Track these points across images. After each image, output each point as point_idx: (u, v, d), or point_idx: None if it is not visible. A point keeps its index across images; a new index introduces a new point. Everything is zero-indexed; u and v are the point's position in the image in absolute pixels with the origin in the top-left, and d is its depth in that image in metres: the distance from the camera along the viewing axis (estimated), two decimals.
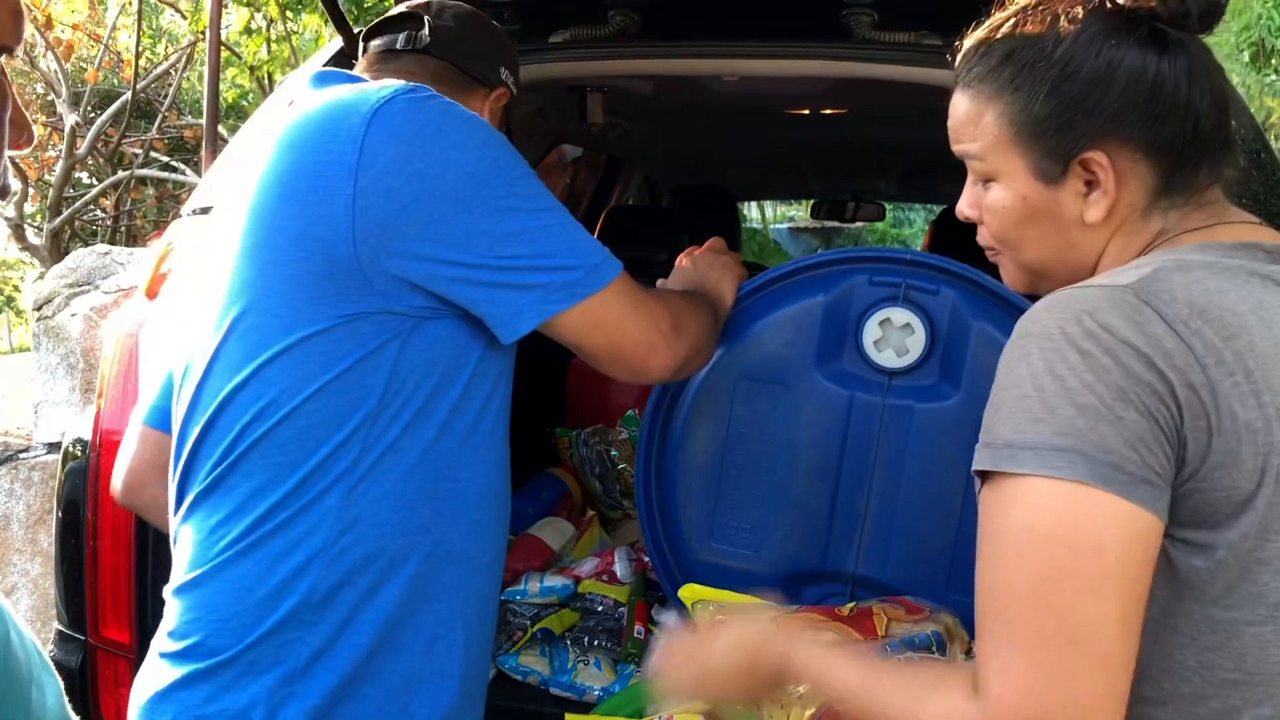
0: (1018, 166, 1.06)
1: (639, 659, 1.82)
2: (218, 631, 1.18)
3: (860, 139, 3.83)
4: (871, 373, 1.72)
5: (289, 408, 1.17)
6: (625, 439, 2.53)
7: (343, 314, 1.16)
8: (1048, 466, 0.86)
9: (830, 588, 1.76)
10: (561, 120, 3.07)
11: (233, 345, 1.19)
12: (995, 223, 1.10)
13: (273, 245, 1.18)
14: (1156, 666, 0.94)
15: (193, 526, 1.23)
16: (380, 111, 1.18)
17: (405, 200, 1.16)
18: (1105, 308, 0.90)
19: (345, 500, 1.18)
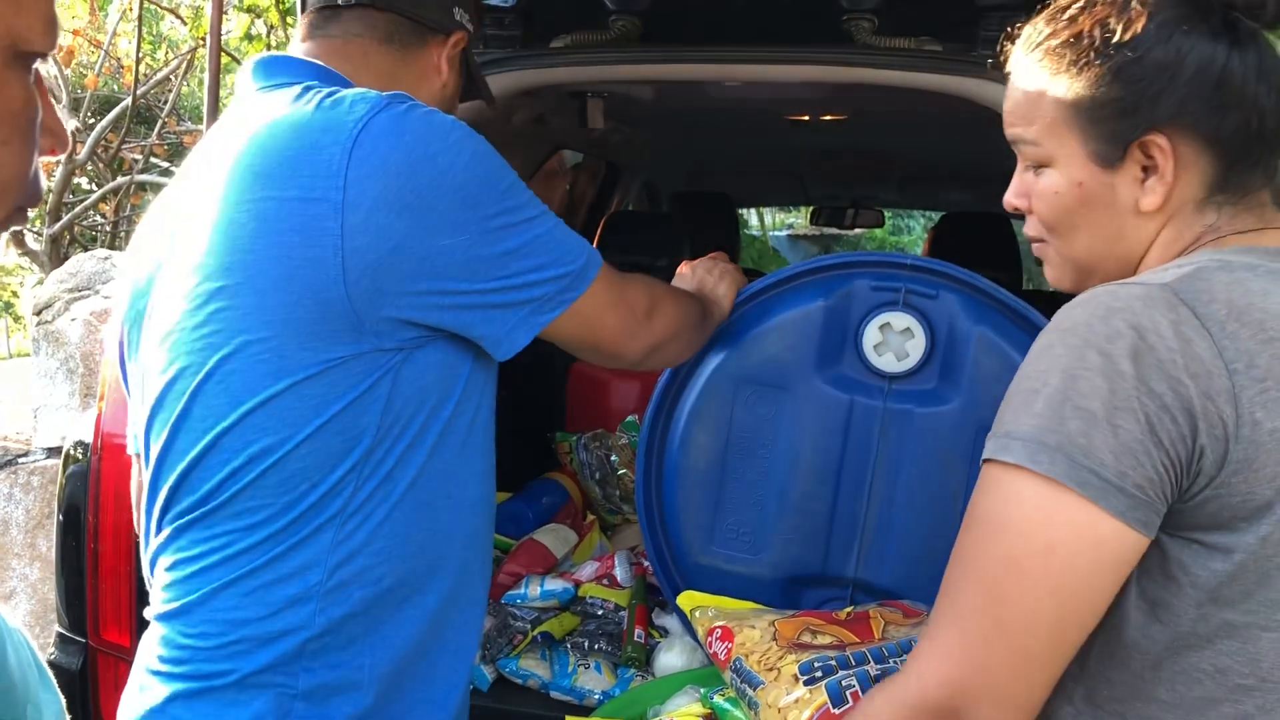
0: (1075, 150, 1.04)
1: (639, 663, 1.82)
2: (212, 658, 1.16)
3: (859, 145, 3.84)
4: (871, 377, 1.72)
5: (281, 453, 1.14)
6: (625, 444, 2.53)
7: (333, 357, 1.12)
8: (1031, 461, 0.89)
9: (830, 592, 1.76)
10: (562, 126, 3.07)
11: (214, 388, 1.15)
12: (1046, 210, 1.08)
13: (257, 289, 1.12)
14: (1170, 669, 0.94)
15: (173, 557, 1.20)
16: (359, 140, 1.11)
17: (397, 237, 1.11)
18: (1140, 308, 0.90)
19: (338, 536, 1.16)
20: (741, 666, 1.49)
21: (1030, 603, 0.90)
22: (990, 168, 3.74)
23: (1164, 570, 0.94)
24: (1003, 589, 0.91)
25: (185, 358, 1.17)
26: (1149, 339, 0.88)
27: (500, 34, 2.16)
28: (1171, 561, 0.93)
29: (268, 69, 1.29)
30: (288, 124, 1.16)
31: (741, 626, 1.57)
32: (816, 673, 1.37)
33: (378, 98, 1.16)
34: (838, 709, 1.30)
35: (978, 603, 0.93)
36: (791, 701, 1.35)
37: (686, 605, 1.72)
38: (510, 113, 2.66)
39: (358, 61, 1.35)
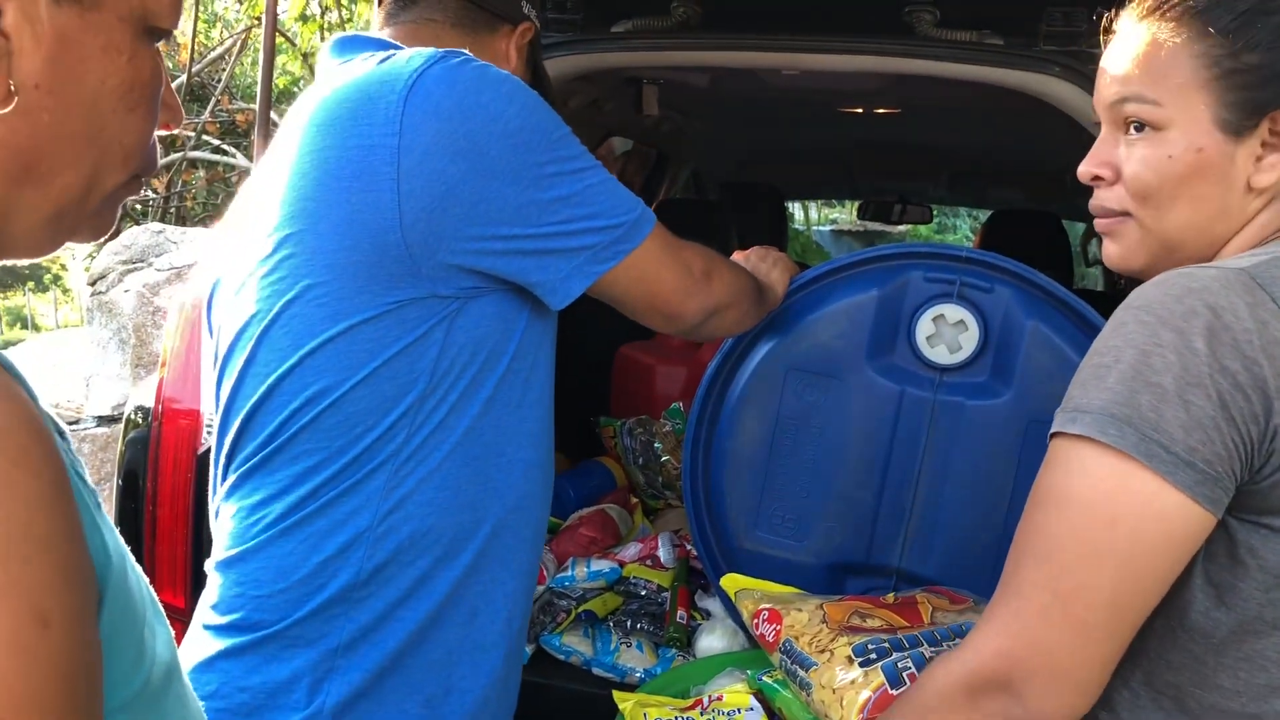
0: (1200, 115, 1.01)
1: (681, 643, 1.84)
2: (261, 607, 1.19)
3: (911, 139, 3.82)
4: (923, 368, 1.72)
5: (337, 395, 1.17)
6: (669, 431, 2.54)
7: (390, 301, 1.15)
8: (1100, 432, 0.90)
9: (874, 581, 1.76)
10: (616, 111, 3.09)
11: (278, 332, 1.19)
12: (1152, 175, 1.03)
13: (318, 233, 1.16)
14: (1233, 655, 0.94)
15: (236, 504, 1.24)
16: (415, 88, 1.15)
17: (451, 181, 1.14)
18: (1217, 288, 0.90)
19: (391, 481, 1.19)
20: (792, 648, 1.50)
21: (1091, 575, 0.90)
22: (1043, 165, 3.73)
23: (1231, 554, 0.93)
24: (1063, 561, 0.91)
25: (254, 304, 1.21)
26: (1224, 318, 0.88)
27: (562, 18, 2.17)
28: (1239, 545, 0.93)
29: (343, 46, 1.34)
30: (351, 82, 1.20)
31: (788, 609, 1.58)
32: (871, 654, 1.38)
33: (434, 52, 1.19)
34: (895, 690, 1.31)
35: (1037, 576, 0.93)
36: (848, 682, 1.36)
37: (730, 588, 1.73)
38: (567, 97, 2.68)
39: (429, 43, 1.37)
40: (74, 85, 0.64)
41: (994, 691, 0.94)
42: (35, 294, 23.69)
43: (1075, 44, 1.91)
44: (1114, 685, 1.01)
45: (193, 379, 1.76)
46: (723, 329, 1.54)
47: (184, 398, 1.77)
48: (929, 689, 1.01)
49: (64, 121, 0.65)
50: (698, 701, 1.58)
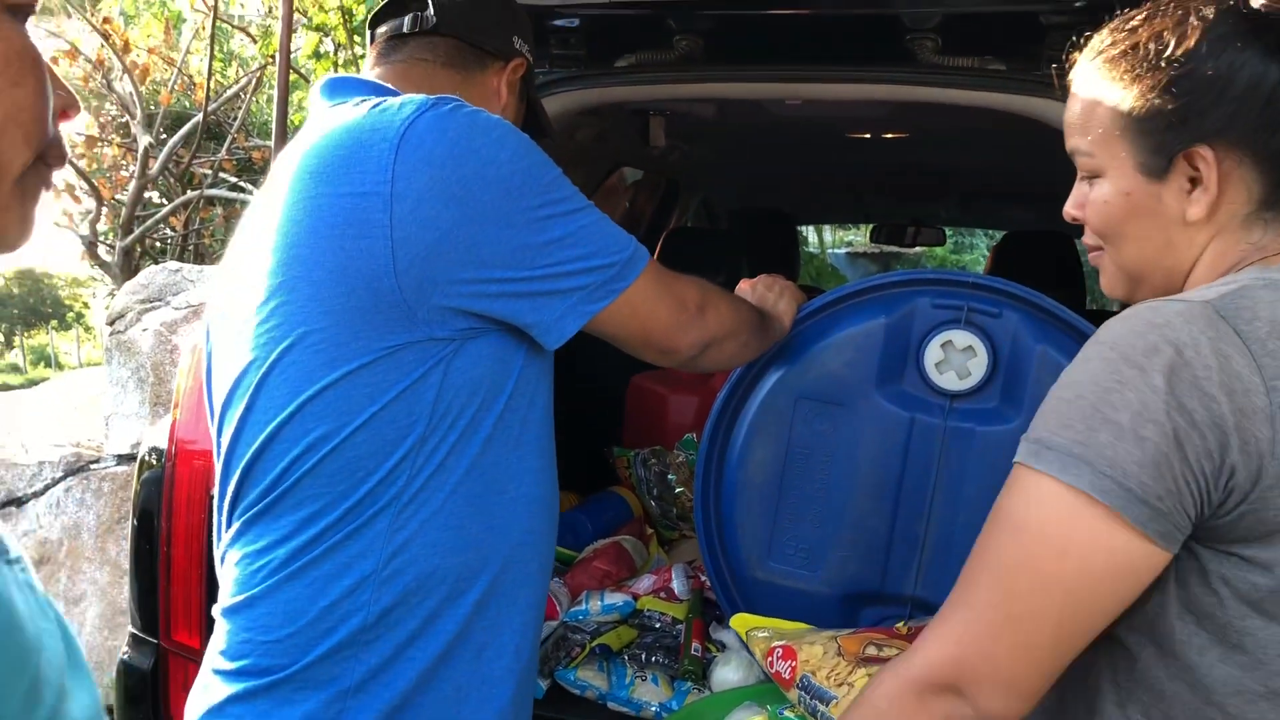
0: (1123, 161, 1.06)
1: (696, 676, 1.83)
2: (270, 652, 1.20)
3: (921, 163, 3.83)
4: (932, 395, 1.72)
5: (337, 441, 1.17)
6: (683, 462, 2.54)
7: (386, 346, 1.16)
8: (1059, 470, 0.92)
9: (888, 610, 1.76)
10: (623, 143, 3.10)
11: (276, 380, 1.20)
12: (1097, 219, 1.10)
13: (313, 280, 1.17)
14: (1222, 689, 0.94)
15: (240, 551, 1.24)
16: (406, 136, 1.16)
17: (445, 227, 1.15)
18: (1180, 323, 0.91)
19: (394, 524, 1.19)
20: (810, 683, 1.50)
21: (1039, 601, 0.94)
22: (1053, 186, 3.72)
23: (1205, 583, 0.95)
24: (1015, 585, 0.95)
25: (251, 352, 1.22)
26: (1185, 354, 0.89)
27: (565, 54, 2.19)
28: (1211, 575, 0.94)
29: (335, 88, 1.35)
30: (342, 128, 1.21)
31: (801, 644, 1.57)
32: None
33: (425, 99, 1.20)
34: None
35: (990, 596, 0.97)
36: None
37: (741, 628, 1.72)
38: (573, 130, 2.70)
39: (420, 83, 1.40)
40: None
41: (943, 694, 0.99)
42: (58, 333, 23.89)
43: None
44: (1112, 717, 1.01)
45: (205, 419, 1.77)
46: (721, 361, 1.53)
47: (198, 438, 1.78)
48: (880, 692, 1.04)
49: None
50: None
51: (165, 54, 8.05)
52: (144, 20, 8.34)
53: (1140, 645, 0.99)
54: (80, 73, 7.84)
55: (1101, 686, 1.03)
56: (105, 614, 3.89)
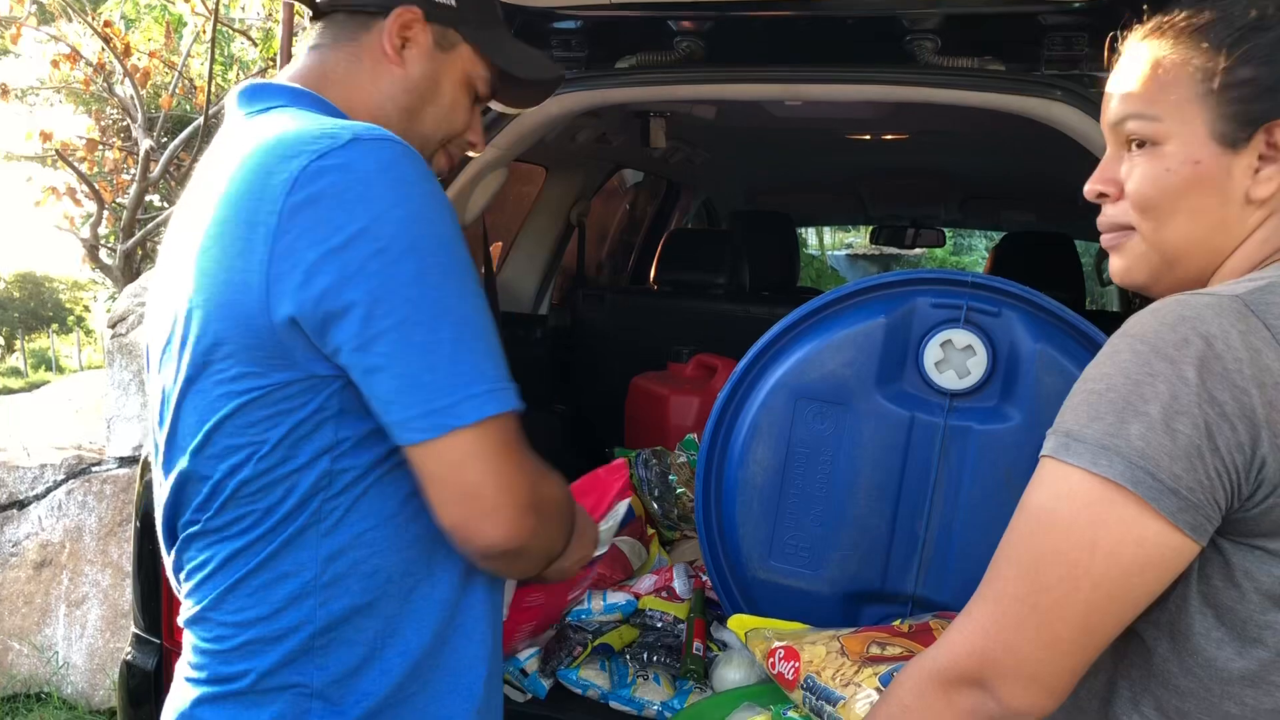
0: (1197, 128, 1.02)
1: (698, 675, 1.83)
2: (226, 661, 1.19)
3: (921, 164, 3.84)
4: (932, 394, 1.73)
5: (252, 465, 1.13)
6: (684, 463, 2.54)
7: (275, 381, 1.10)
8: (1089, 461, 0.92)
9: (889, 608, 1.76)
10: (624, 145, 3.11)
11: (188, 406, 1.16)
12: (1150, 189, 1.05)
13: (208, 310, 1.11)
14: (1239, 682, 0.95)
15: (188, 566, 1.23)
16: (307, 169, 1.07)
17: (310, 271, 1.06)
18: (1210, 316, 0.91)
19: (321, 531, 1.16)
20: (815, 684, 1.50)
21: (1067, 594, 0.94)
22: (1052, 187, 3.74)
23: (1227, 577, 0.94)
24: (1043, 579, 0.95)
25: (170, 375, 1.19)
26: (1216, 346, 0.89)
27: (567, 55, 2.20)
28: (1235, 568, 0.94)
29: (251, 95, 1.28)
30: (257, 149, 1.14)
31: (803, 645, 1.58)
32: None
33: (344, 130, 1.12)
34: None
35: (1017, 589, 0.96)
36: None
37: (739, 628, 1.73)
38: (574, 132, 2.71)
39: (320, 74, 1.31)
40: None
41: (968, 687, 0.98)
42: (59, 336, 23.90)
43: (1076, 68, 1.92)
44: (1125, 711, 1.01)
45: None
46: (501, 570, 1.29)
47: None
48: (906, 685, 1.04)
49: None
50: None
51: (166, 57, 8.05)
52: (145, 24, 8.35)
53: (1156, 639, 0.99)
54: (81, 76, 7.85)
55: (1115, 680, 1.03)
56: (107, 616, 3.90)
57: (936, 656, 1.01)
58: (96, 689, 3.76)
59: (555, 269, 3.37)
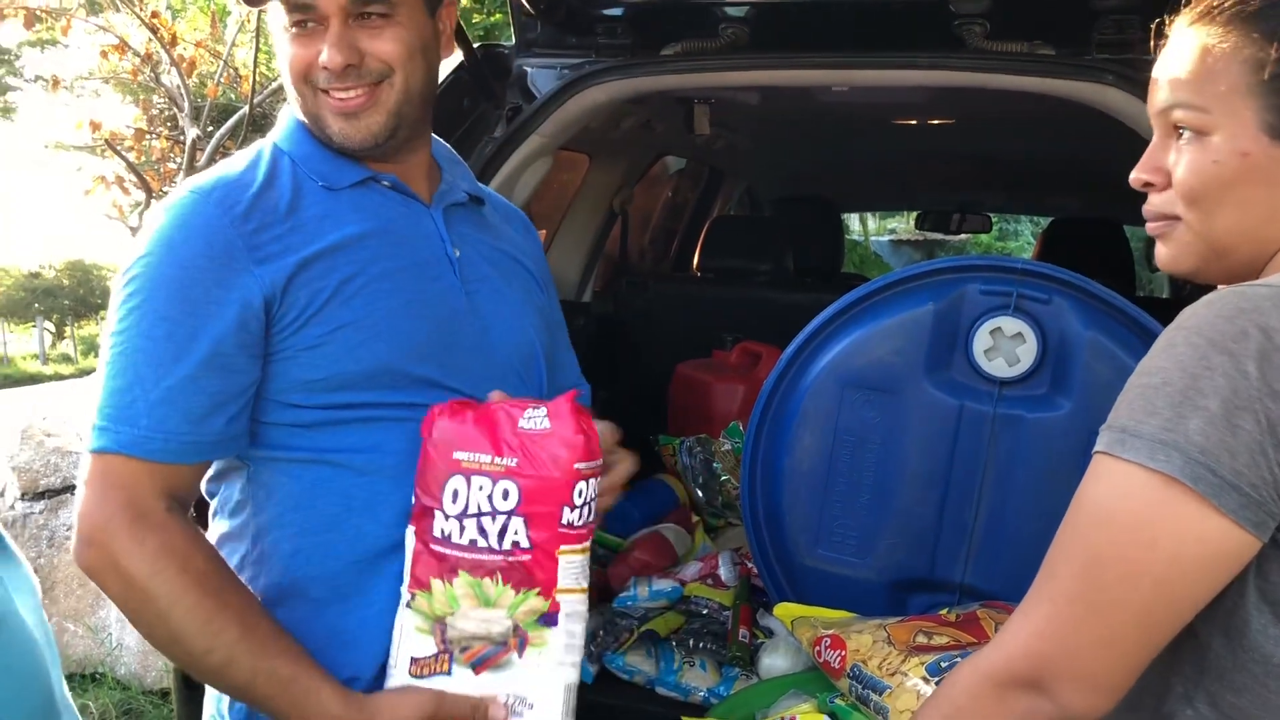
0: (1246, 120, 1.00)
1: (744, 662, 1.84)
2: None
3: (968, 149, 3.80)
4: (981, 382, 1.72)
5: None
6: (728, 450, 2.54)
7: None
8: (1150, 458, 0.89)
9: (937, 597, 1.75)
10: (668, 132, 3.10)
11: None
12: (1197, 180, 1.03)
13: None
14: None
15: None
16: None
17: None
18: (1269, 308, 0.89)
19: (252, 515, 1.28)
20: (861, 673, 1.50)
21: (1126, 593, 0.92)
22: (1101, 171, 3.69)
23: None
24: (1101, 578, 0.93)
25: None
26: (1276, 340, 0.88)
27: (612, 43, 2.19)
28: None
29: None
30: None
31: (849, 634, 1.57)
32: (946, 672, 1.37)
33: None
34: None
35: (1075, 588, 0.95)
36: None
37: (785, 617, 1.73)
38: (618, 119, 2.71)
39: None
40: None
41: (1023, 689, 0.96)
42: None
43: (1128, 52, 1.89)
44: (1179, 708, 1.00)
45: None
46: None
47: None
48: (958, 686, 1.03)
49: None
50: None
51: (211, 47, 8.13)
52: (191, 13, 8.44)
53: (1211, 634, 0.97)
54: (129, 66, 7.94)
55: (1169, 676, 1.01)
56: None
57: (990, 657, 1.00)
58: (149, 670, 3.82)
59: (598, 257, 3.37)
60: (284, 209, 1.24)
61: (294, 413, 1.24)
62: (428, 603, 1.18)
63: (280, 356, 1.21)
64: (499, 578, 1.16)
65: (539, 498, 1.16)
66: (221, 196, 1.22)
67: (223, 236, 1.19)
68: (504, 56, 2.28)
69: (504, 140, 2.17)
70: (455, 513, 1.17)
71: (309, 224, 1.24)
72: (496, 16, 6.33)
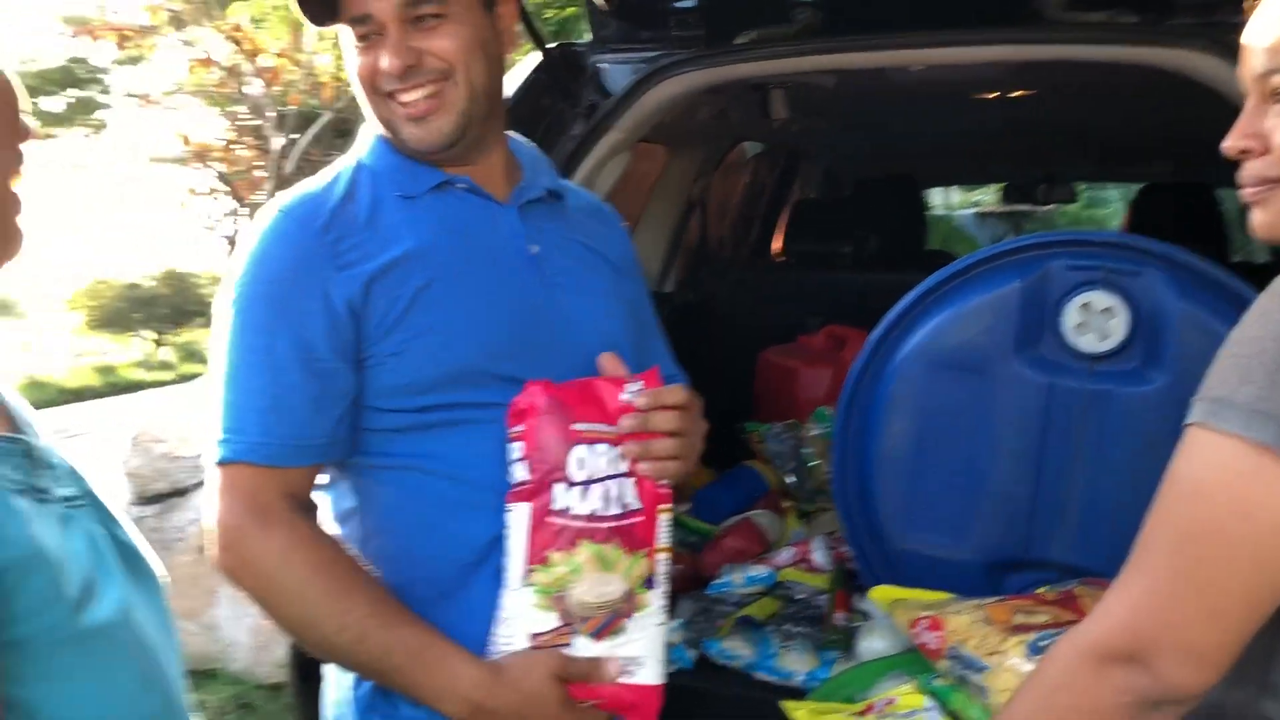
0: None
1: (842, 645, 1.85)
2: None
3: (1050, 120, 3.72)
4: (1072, 358, 1.70)
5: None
6: (817, 435, 2.54)
7: None
8: (1245, 428, 0.88)
9: (1035, 575, 1.74)
10: (744, 118, 3.10)
11: None
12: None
13: None
14: None
15: None
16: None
17: None
18: None
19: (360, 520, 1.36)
20: (960, 653, 1.50)
21: (1225, 566, 0.91)
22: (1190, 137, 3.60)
23: None
24: (1198, 552, 0.92)
25: None
26: None
27: (685, 34, 2.20)
28: None
29: None
30: None
31: (946, 614, 1.57)
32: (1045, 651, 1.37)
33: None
34: None
35: (1171, 562, 0.94)
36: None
37: (881, 599, 1.73)
38: (695, 109, 2.71)
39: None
40: None
41: (1122, 663, 0.95)
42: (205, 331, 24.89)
43: (1212, 15, 1.85)
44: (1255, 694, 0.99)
45: None
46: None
47: None
48: (1057, 663, 1.02)
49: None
50: (870, 706, 1.59)
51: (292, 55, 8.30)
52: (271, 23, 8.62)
53: None
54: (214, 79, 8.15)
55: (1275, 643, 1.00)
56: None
57: (1088, 633, 0.99)
58: (260, 665, 3.94)
59: (679, 247, 3.38)
60: (363, 220, 1.30)
61: (387, 418, 1.29)
62: (548, 576, 1.22)
63: (370, 363, 1.27)
64: (616, 542, 1.22)
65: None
66: (303, 212, 1.29)
67: (305, 249, 1.26)
68: (579, 54, 2.31)
69: (582, 138, 2.19)
70: (582, 479, 1.22)
71: (386, 232, 1.29)
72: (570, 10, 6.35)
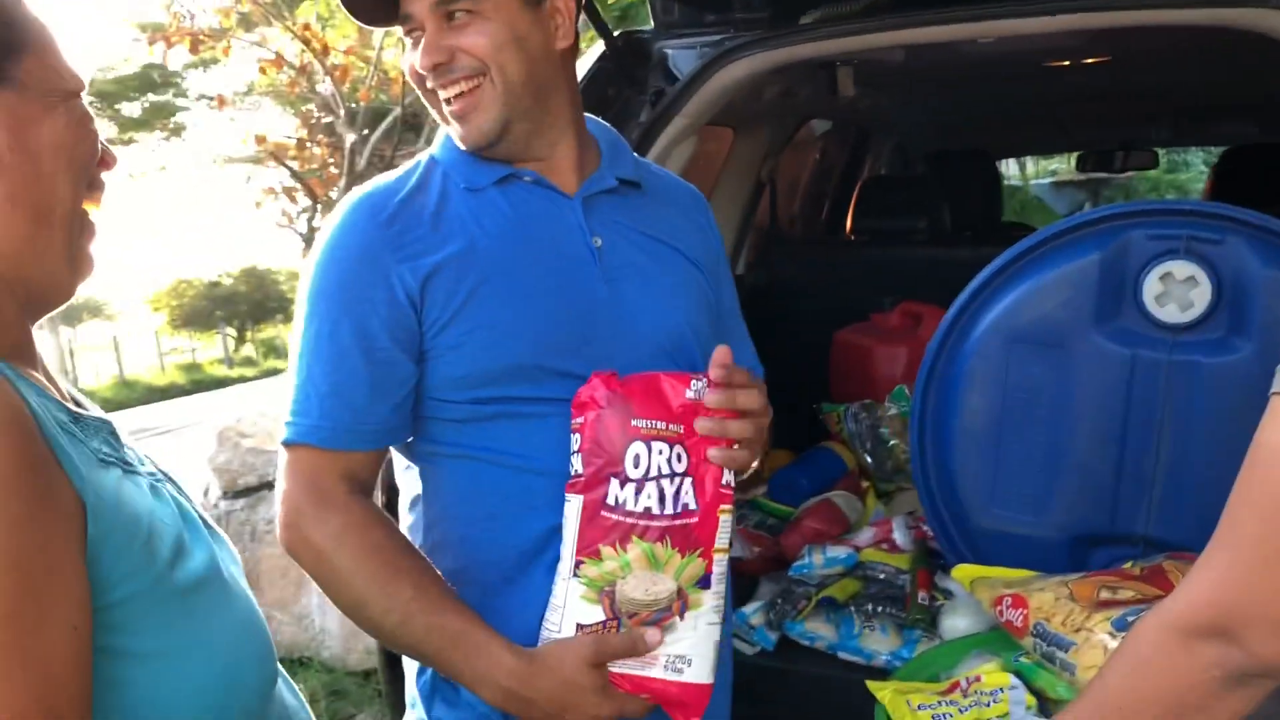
0: None
1: (925, 624, 1.84)
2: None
3: (1125, 86, 3.64)
4: (1154, 330, 1.67)
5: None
6: (895, 415, 2.53)
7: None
8: None
9: (1120, 550, 1.72)
10: (811, 97, 3.08)
11: None
12: None
13: None
14: None
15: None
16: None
17: None
18: None
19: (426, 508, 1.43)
20: (1045, 630, 1.49)
21: None
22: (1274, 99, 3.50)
23: None
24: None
25: None
26: None
27: (750, 16, 2.20)
28: None
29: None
30: None
31: (1030, 592, 1.56)
32: None
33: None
34: None
35: (1258, 532, 0.91)
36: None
37: (964, 578, 1.72)
38: (761, 91, 2.70)
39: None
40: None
41: (1210, 638, 0.93)
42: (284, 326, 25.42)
43: None
44: None
45: None
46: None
47: None
48: (1143, 639, 1.00)
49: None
50: (955, 684, 1.58)
51: (361, 52, 8.42)
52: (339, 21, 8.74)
53: None
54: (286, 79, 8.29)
55: None
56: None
57: (1174, 607, 0.97)
58: (351, 652, 4.03)
59: (749, 228, 3.37)
60: (429, 213, 1.32)
61: (449, 408, 1.32)
62: (597, 570, 1.23)
63: (431, 355, 1.30)
64: (668, 541, 1.21)
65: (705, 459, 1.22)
66: (371, 205, 1.32)
67: (371, 240, 1.29)
68: (644, 41, 2.31)
69: (649, 124, 2.19)
70: (637, 477, 1.22)
71: (449, 225, 1.31)
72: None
